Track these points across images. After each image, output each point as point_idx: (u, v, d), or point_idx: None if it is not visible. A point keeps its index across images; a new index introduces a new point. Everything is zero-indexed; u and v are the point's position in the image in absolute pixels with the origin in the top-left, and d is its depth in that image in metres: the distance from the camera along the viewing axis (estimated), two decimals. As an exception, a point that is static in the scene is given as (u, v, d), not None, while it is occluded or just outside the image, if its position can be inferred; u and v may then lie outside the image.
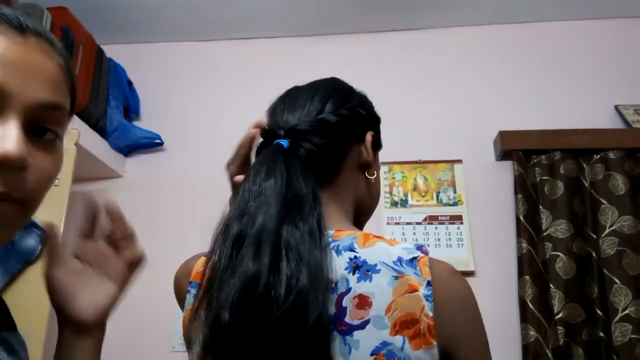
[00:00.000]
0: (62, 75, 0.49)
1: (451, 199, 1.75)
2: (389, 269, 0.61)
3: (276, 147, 0.67)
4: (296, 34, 2.09)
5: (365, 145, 0.75)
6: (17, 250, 1.34)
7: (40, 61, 0.46)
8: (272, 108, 0.76)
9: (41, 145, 0.47)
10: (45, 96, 0.46)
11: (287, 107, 0.73)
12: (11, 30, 0.44)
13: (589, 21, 1.99)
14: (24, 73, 0.44)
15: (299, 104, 0.72)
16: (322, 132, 0.69)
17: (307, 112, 0.71)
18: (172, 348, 1.64)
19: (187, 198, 1.86)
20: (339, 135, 0.71)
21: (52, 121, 0.47)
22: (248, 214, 0.62)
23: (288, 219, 0.61)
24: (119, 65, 1.99)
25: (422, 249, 0.64)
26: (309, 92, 0.74)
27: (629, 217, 1.58)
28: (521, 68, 1.94)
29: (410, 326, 0.59)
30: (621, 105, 1.81)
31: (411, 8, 1.95)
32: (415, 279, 0.61)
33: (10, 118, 0.43)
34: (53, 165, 0.49)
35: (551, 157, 1.70)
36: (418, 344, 0.58)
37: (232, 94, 2.02)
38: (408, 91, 1.95)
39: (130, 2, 1.92)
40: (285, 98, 0.76)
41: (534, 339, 1.47)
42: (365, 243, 0.65)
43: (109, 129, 1.86)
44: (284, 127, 0.70)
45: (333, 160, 0.71)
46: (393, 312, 0.59)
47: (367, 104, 0.79)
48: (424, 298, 0.60)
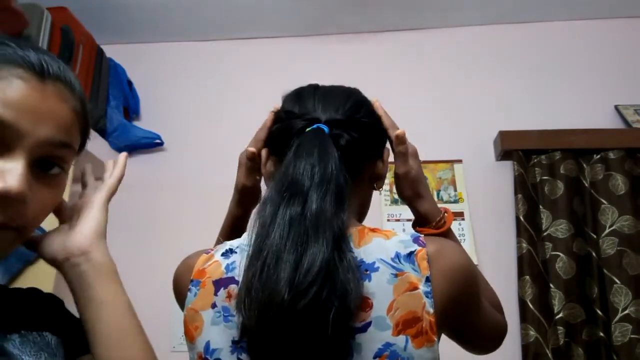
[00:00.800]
0: (75, 118, 0.52)
1: (452, 197, 1.75)
2: (388, 267, 0.61)
3: (318, 130, 0.68)
4: (296, 34, 2.09)
5: (383, 159, 0.78)
6: (17, 250, 1.32)
7: (55, 107, 0.49)
8: (296, 95, 0.76)
9: (46, 178, 0.51)
10: (55, 135, 0.49)
11: (319, 98, 0.73)
12: (32, 76, 0.48)
13: (589, 21, 1.99)
14: (37, 116, 0.47)
15: (334, 100, 0.73)
16: (360, 129, 0.71)
17: (344, 109, 0.71)
18: (172, 348, 1.64)
19: (187, 198, 1.86)
20: (372, 137, 0.74)
21: (58, 157, 0.51)
22: (301, 194, 0.62)
23: (336, 208, 0.62)
24: (119, 65, 1.99)
25: (419, 240, 0.64)
26: (343, 93, 0.75)
27: (629, 217, 1.58)
28: (521, 68, 1.94)
29: (413, 325, 0.58)
30: (621, 105, 1.81)
31: (411, 8, 1.95)
32: (414, 275, 0.61)
33: (18, 154, 0.46)
34: (54, 199, 0.53)
35: (551, 157, 1.70)
36: (420, 343, 0.58)
37: (232, 94, 2.02)
38: (408, 91, 1.94)
39: (130, 2, 1.92)
40: (316, 91, 0.75)
41: (534, 339, 1.47)
42: (361, 241, 0.65)
43: (109, 129, 1.86)
44: (318, 117, 0.70)
45: (362, 158, 0.73)
46: (395, 311, 0.59)
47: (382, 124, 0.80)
48: (424, 295, 0.59)
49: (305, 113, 0.71)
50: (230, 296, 0.65)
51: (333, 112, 0.70)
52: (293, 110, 0.72)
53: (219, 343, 0.64)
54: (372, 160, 0.76)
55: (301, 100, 0.73)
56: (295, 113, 0.72)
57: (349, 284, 0.56)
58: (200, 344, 0.65)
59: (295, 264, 0.57)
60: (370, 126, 0.73)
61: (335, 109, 0.71)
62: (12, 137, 0.46)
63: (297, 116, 0.71)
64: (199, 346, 0.65)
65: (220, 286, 0.67)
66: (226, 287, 0.66)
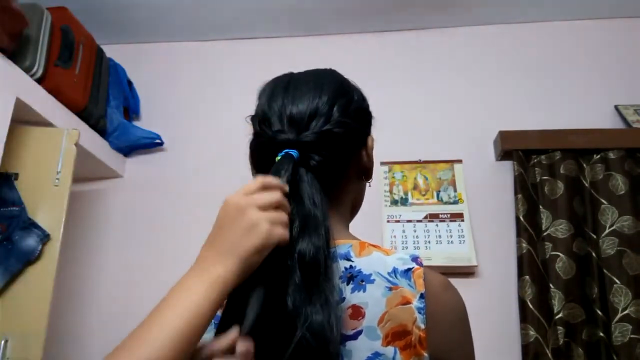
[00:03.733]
0: None
1: (452, 198, 1.75)
2: (384, 280, 0.62)
3: (286, 158, 0.63)
4: (296, 34, 2.09)
5: (367, 150, 0.74)
6: (17, 250, 1.34)
7: None
8: (269, 93, 0.72)
9: None
10: None
11: (289, 101, 0.69)
12: None
13: (589, 21, 1.99)
14: None
15: (305, 98, 0.68)
16: (331, 144, 0.66)
17: (313, 110, 0.67)
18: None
19: (187, 198, 1.86)
20: (347, 146, 0.69)
21: None
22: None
23: (302, 234, 0.59)
24: (119, 65, 1.99)
25: (418, 260, 0.64)
26: (315, 87, 0.70)
27: (629, 217, 1.58)
28: (521, 68, 1.94)
29: (402, 337, 0.59)
30: (621, 105, 1.81)
31: (411, 8, 1.95)
32: (409, 290, 0.61)
33: None
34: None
35: (551, 157, 1.70)
36: (408, 355, 0.59)
37: (232, 94, 2.02)
38: (408, 91, 1.95)
39: (130, 2, 1.92)
40: (287, 90, 0.71)
41: (534, 339, 1.47)
42: (362, 252, 0.65)
43: (109, 129, 1.86)
44: (287, 138, 0.65)
45: (340, 170, 0.69)
46: (385, 323, 0.59)
47: (365, 103, 0.76)
48: (417, 310, 0.60)
49: (274, 135, 0.66)
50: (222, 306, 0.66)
51: (303, 128, 0.66)
52: (263, 126, 0.69)
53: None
54: (355, 154, 0.72)
55: (271, 109, 0.69)
56: (264, 133, 0.68)
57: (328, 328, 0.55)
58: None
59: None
60: (345, 133, 0.68)
61: (306, 122, 0.66)
62: None
63: (266, 139, 0.67)
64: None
65: None
66: None
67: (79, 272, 1.79)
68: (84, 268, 1.80)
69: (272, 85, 0.74)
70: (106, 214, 1.89)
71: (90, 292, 1.78)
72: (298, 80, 0.73)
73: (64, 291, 1.71)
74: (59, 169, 1.46)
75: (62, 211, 1.41)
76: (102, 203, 1.90)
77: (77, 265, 1.79)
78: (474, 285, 1.62)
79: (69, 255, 1.67)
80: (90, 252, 1.83)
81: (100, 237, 1.85)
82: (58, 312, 1.65)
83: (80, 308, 1.75)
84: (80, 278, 1.79)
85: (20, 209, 1.38)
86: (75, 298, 1.77)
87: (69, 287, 1.76)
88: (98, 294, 1.76)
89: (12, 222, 1.36)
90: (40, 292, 1.32)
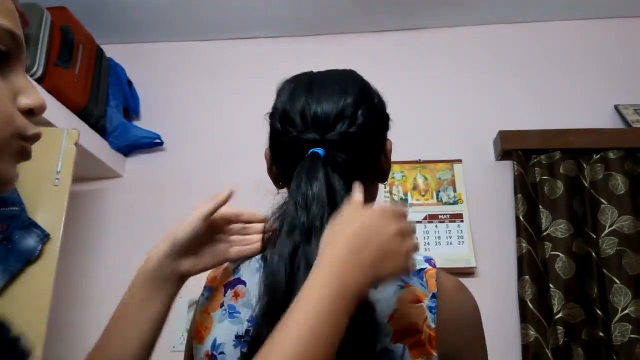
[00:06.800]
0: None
1: (451, 198, 1.75)
2: (396, 279, 0.62)
3: (314, 158, 0.63)
4: (296, 34, 2.09)
5: (386, 154, 0.74)
6: (17, 250, 1.34)
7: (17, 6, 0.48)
8: (291, 92, 0.70)
9: None
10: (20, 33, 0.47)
11: (315, 98, 0.67)
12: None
13: (589, 21, 1.99)
14: (18, 22, 0.46)
15: (330, 99, 0.67)
16: (355, 146, 0.66)
17: (339, 112, 0.66)
18: (172, 348, 1.64)
19: (187, 198, 1.86)
20: (369, 149, 0.69)
21: None
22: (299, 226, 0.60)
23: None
24: (119, 65, 1.99)
25: (432, 262, 0.65)
26: (340, 89, 0.68)
27: (629, 217, 1.58)
28: (521, 68, 1.94)
29: (411, 336, 0.59)
30: (621, 105, 1.81)
31: (411, 8, 1.95)
32: (421, 290, 0.62)
33: (20, 66, 0.46)
34: None
35: (551, 157, 1.70)
36: (418, 354, 0.59)
37: (232, 94, 2.02)
38: (408, 91, 1.94)
39: (130, 2, 1.92)
40: (311, 91, 0.69)
41: (534, 339, 1.47)
42: None
43: (109, 129, 1.86)
44: (313, 137, 0.65)
45: (361, 172, 0.68)
46: (396, 320, 0.60)
47: (385, 107, 0.75)
48: (428, 309, 0.60)
49: (299, 134, 0.66)
50: (237, 295, 0.67)
51: (329, 128, 0.65)
52: (286, 125, 0.67)
53: (223, 338, 0.66)
54: (376, 157, 0.72)
55: (294, 108, 0.68)
56: (287, 132, 0.67)
57: None
58: (208, 342, 0.67)
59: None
60: (370, 135, 0.68)
61: (332, 122, 0.65)
62: (17, 49, 0.45)
63: (290, 137, 0.66)
64: (208, 345, 0.67)
65: (229, 288, 0.70)
66: (234, 287, 0.69)
67: (79, 272, 1.80)
68: (84, 268, 1.80)
69: (293, 83, 0.72)
70: (106, 214, 1.89)
71: (90, 292, 1.78)
72: (321, 81, 0.71)
73: (64, 291, 1.71)
74: (59, 169, 1.46)
75: (62, 211, 1.41)
76: (102, 203, 1.90)
77: (77, 265, 1.79)
78: (474, 286, 1.60)
79: (69, 255, 1.66)
80: (90, 252, 1.83)
81: (100, 237, 1.85)
82: (58, 312, 1.65)
83: (81, 308, 1.75)
84: (80, 278, 1.79)
85: (20, 209, 1.38)
86: (76, 298, 1.77)
87: (69, 287, 1.76)
88: (98, 294, 1.76)
89: (12, 222, 1.36)
90: (40, 292, 1.32)
